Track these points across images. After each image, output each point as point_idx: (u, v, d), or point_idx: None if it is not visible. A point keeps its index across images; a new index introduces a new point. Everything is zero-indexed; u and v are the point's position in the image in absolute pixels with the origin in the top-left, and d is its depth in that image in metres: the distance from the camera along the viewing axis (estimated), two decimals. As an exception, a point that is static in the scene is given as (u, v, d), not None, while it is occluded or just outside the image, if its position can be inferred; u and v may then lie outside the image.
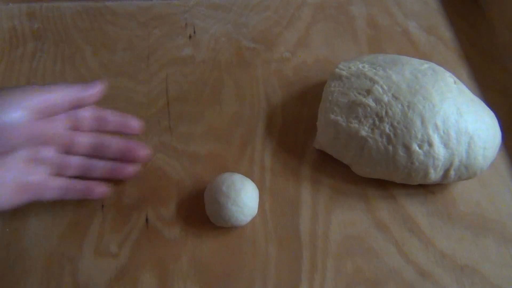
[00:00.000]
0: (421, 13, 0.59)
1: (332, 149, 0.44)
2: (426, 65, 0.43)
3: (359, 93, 0.42)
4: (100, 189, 0.41)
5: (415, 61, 0.44)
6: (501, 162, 0.46)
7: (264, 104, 0.50)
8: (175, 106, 0.50)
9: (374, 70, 0.43)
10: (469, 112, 0.41)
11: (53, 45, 0.56)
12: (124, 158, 0.42)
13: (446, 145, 0.40)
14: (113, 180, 0.43)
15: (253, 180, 0.43)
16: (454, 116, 0.40)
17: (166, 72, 0.53)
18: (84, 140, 0.41)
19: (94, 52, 0.55)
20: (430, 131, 0.40)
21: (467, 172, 0.41)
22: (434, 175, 0.40)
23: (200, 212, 0.42)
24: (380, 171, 0.42)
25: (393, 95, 0.41)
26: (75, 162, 0.41)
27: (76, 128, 0.40)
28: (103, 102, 0.50)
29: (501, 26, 0.55)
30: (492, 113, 0.43)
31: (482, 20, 0.58)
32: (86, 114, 0.40)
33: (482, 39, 0.56)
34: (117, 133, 0.42)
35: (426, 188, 0.44)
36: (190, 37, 0.56)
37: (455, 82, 0.43)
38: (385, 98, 0.41)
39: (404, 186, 0.44)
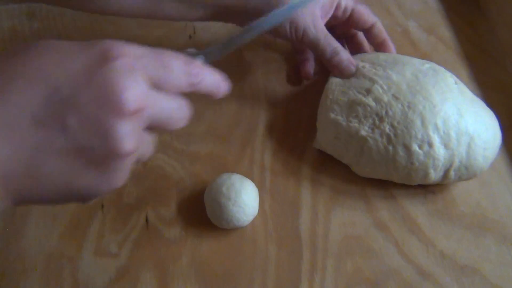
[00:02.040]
0: (421, 13, 0.59)
1: (332, 149, 0.44)
2: (427, 65, 0.43)
3: (359, 92, 0.42)
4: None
5: (416, 61, 0.44)
6: (501, 163, 0.46)
7: (264, 104, 0.50)
8: (175, 106, 0.50)
9: (374, 70, 0.43)
10: (470, 112, 0.41)
11: (53, 45, 0.55)
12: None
13: (446, 145, 0.40)
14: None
15: (253, 180, 0.43)
16: (454, 117, 0.40)
17: (166, 72, 0.53)
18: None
19: (94, 52, 0.55)
20: (430, 132, 0.39)
21: (467, 173, 0.41)
22: (434, 176, 0.40)
23: (200, 212, 0.42)
24: (380, 171, 0.42)
25: (393, 95, 0.41)
26: None
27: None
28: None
29: (501, 26, 0.55)
30: (492, 113, 0.43)
31: (482, 20, 0.58)
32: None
33: (482, 39, 0.56)
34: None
35: (426, 188, 0.44)
36: (190, 37, 0.56)
37: (455, 83, 0.43)
38: (385, 98, 0.41)
39: (404, 186, 0.44)
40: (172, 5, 0.43)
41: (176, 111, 0.28)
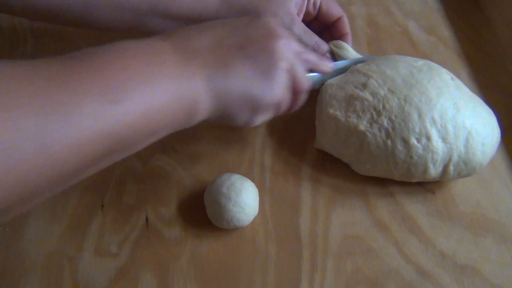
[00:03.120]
0: (421, 13, 0.59)
1: (332, 147, 0.44)
2: (420, 62, 0.44)
3: (356, 87, 0.42)
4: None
5: (409, 59, 0.44)
6: (501, 162, 0.46)
7: (264, 104, 0.50)
8: (175, 106, 0.50)
9: (367, 66, 0.44)
10: (467, 107, 0.41)
11: (53, 45, 0.55)
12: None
13: (444, 139, 0.40)
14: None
15: (253, 180, 0.43)
16: (451, 111, 0.40)
17: (166, 72, 0.53)
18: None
19: (94, 52, 0.55)
20: (428, 125, 0.40)
21: (466, 168, 0.41)
22: (434, 171, 0.40)
23: (200, 212, 0.42)
24: (380, 168, 0.42)
25: (388, 89, 0.41)
26: None
27: None
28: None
29: (501, 26, 0.55)
30: (490, 110, 0.43)
31: (482, 20, 0.58)
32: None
33: (482, 39, 0.56)
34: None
35: (426, 188, 0.44)
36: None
37: (452, 79, 0.43)
38: (382, 92, 0.41)
39: (404, 185, 0.44)
40: (155, 21, 0.45)
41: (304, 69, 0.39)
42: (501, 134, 0.43)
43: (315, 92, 0.47)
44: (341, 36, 0.49)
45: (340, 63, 0.46)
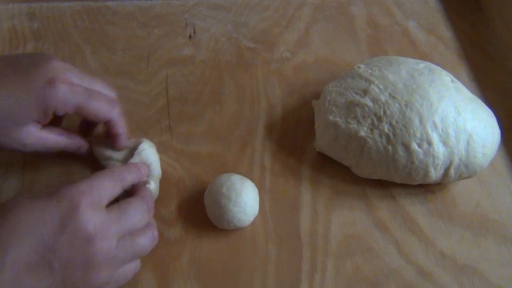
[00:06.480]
0: (421, 13, 0.59)
1: (332, 151, 0.44)
2: (422, 64, 0.44)
3: (356, 93, 0.42)
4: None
5: (411, 61, 0.44)
6: (501, 162, 0.46)
7: (264, 104, 0.50)
8: (175, 106, 0.50)
9: (370, 71, 0.43)
10: (467, 110, 0.41)
11: (53, 45, 0.55)
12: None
13: (445, 143, 0.40)
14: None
15: (253, 180, 0.43)
16: (452, 115, 0.40)
17: (166, 72, 0.53)
18: None
19: (94, 52, 0.55)
20: (429, 130, 0.40)
21: (467, 171, 0.41)
22: (435, 174, 0.40)
23: (200, 212, 0.42)
24: (381, 172, 0.42)
25: (390, 95, 0.41)
26: None
27: None
28: (103, 102, 0.50)
29: (501, 26, 0.56)
30: (490, 111, 0.43)
31: (482, 20, 0.58)
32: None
33: (482, 39, 0.56)
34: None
35: (426, 188, 0.44)
36: (190, 37, 0.56)
37: (452, 81, 0.43)
38: (382, 98, 0.41)
39: (404, 186, 0.44)
40: None
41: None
42: (501, 134, 0.43)
43: (316, 93, 0.47)
44: (112, 135, 0.42)
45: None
